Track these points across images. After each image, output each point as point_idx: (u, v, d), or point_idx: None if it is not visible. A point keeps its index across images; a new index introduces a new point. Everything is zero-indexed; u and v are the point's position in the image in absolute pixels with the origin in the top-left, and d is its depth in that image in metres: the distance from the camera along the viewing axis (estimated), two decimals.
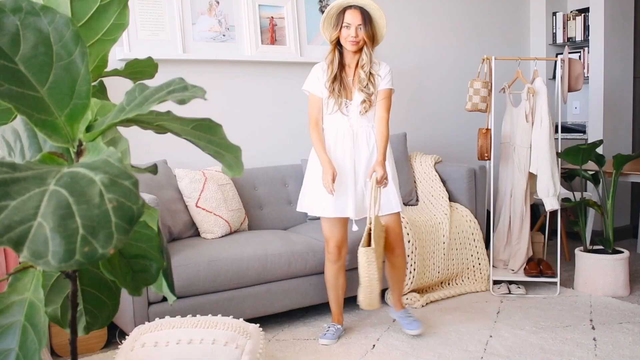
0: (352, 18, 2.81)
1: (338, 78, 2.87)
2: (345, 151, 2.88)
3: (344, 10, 2.84)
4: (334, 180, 2.80)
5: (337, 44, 2.89)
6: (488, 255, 3.84)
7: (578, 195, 3.99)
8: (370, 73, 2.87)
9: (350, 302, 3.51)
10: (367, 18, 2.82)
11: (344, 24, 2.82)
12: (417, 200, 4.01)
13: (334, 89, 2.85)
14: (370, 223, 2.78)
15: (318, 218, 3.14)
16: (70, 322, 0.81)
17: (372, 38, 2.86)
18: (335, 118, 2.88)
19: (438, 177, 3.98)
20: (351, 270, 3.31)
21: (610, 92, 4.88)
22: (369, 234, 2.77)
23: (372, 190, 2.79)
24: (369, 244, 2.77)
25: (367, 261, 2.75)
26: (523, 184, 3.74)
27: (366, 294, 2.81)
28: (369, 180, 2.84)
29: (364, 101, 2.86)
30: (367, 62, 2.86)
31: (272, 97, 4.00)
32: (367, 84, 2.86)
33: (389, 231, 2.94)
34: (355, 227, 2.86)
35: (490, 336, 3.00)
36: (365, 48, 2.86)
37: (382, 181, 2.81)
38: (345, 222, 2.96)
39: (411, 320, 3.01)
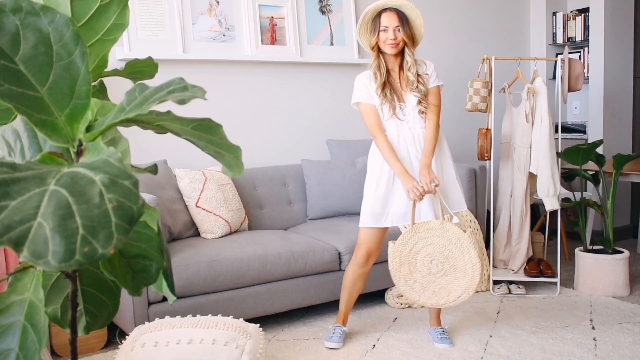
0: (389, 20, 2.75)
1: (387, 83, 2.81)
2: (409, 156, 2.81)
3: (379, 14, 2.78)
4: (417, 188, 2.70)
5: (379, 49, 2.81)
6: (488, 255, 3.84)
7: (578, 195, 4.00)
8: (417, 74, 2.82)
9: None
10: (403, 19, 2.76)
11: (381, 28, 2.76)
12: None
13: (385, 94, 2.78)
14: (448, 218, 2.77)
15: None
16: (70, 322, 0.81)
17: (411, 38, 2.80)
18: (393, 123, 2.81)
19: None
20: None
21: (610, 92, 4.88)
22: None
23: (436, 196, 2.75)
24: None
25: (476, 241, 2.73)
26: (523, 184, 3.74)
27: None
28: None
29: (420, 101, 2.82)
30: (412, 64, 2.81)
31: (272, 97, 4.00)
32: (418, 85, 2.81)
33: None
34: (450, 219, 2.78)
35: (490, 336, 3.00)
36: (406, 49, 2.80)
37: (430, 188, 2.71)
38: (386, 230, 2.89)
39: (444, 337, 2.93)
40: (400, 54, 2.82)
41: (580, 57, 5.07)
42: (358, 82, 2.86)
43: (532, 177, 3.74)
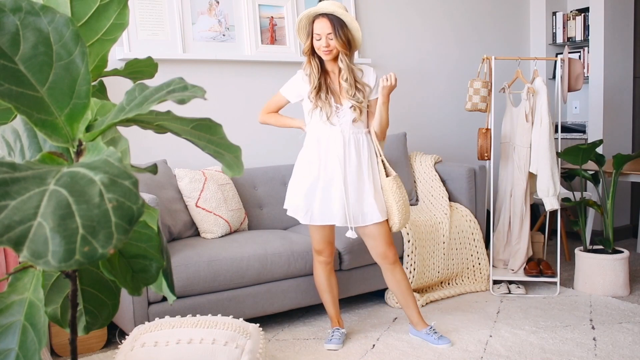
0: (321, 28, 2.71)
1: (323, 86, 2.78)
2: (335, 159, 2.78)
3: (313, 20, 2.75)
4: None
5: (314, 53, 2.80)
6: (488, 255, 3.84)
7: (578, 195, 4.00)
8: (355, 81, 2.77)
9: (349, 302, 3.51)
10: (337, 25, 2.70)
11: (314, 36, 2.73)
12: (417, 200, 4.02)
13: (320, 97, 2.77)
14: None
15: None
16: (70, 322, 0.81)
17: (349, 43, 2.74)
18: (326, 126, 2.79)
19: (438, 177, 3.98)
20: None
21: (610, 92, 4.88)
22: (384, 167, 2.85)
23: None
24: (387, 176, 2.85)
25: (398, 186, 2.81)
26: (523, 183, 3.74)
27: (403, 214, 2.82)
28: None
29: (354, 108, 2.77)
30: (346, 70, 2.75)
31: (272, 97, 3.99)
32: (355, 93, 2.76)
33: (377, 241, 2.85)
34: (352, 235, 2.78)
35: (490, 336, 3.00)
36: (340, 56, 2.75)
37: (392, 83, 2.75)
38: (332, 227, 2.92)
39: (439, 336, 2.90)
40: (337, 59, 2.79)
41: (580, 57, 5.07)
42: (296, 77, 2.90)
43: (532, 177, 3.74)
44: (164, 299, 2.79)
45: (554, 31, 5.21)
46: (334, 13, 2.72)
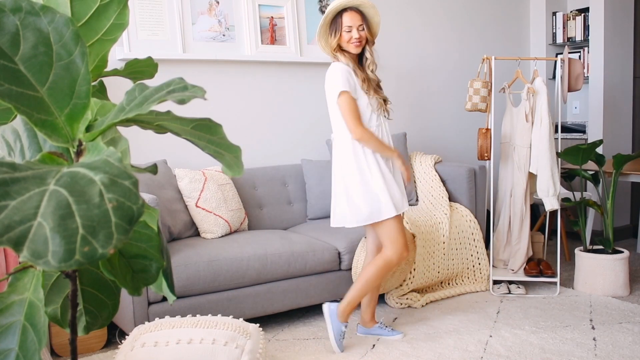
0: (352, 20, 2.75)
1: (365, 79, 2.78)
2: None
3: (339, 15, 2.77)
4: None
5: (340, 50, 2.79)
6: (488, 255, 3.84)
7: (578, 195, 4.00)
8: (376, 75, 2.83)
9: None
10: (364, 17, 2.78)
11: (344, 28, 2.75)
12: (417, 200, 4.02)
13: (370, 91, 2.77)
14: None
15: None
16: (70, 322, 0.81)
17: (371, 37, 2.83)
18: (376, 117, 2.80)
19: (438, 177, 3.98)
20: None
21: (610, 92, 4.88)
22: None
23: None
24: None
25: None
26: (523, 183, 3.74)
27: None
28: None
29: (385, 101, 2.85)
30: (372, 62, 2.82)
31: (272, 97, 4.00)
32: (378, 84, 2.84)
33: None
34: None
35: (490, 336, 3.00)
36: (367, 47, 2.81)
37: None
38: None
39: (391, 328, 3.02)
40: (358, 54, 2.82)
41: (580, 57, 5.07)
42: (340, 71, 2.73)
43: (532, 177, 3.74)
44: (164, 299, 2.79)
45: (554, 31, 5.21)
46: (361, 7, 2.77)
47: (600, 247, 3.77)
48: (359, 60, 2.84)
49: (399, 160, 2.79)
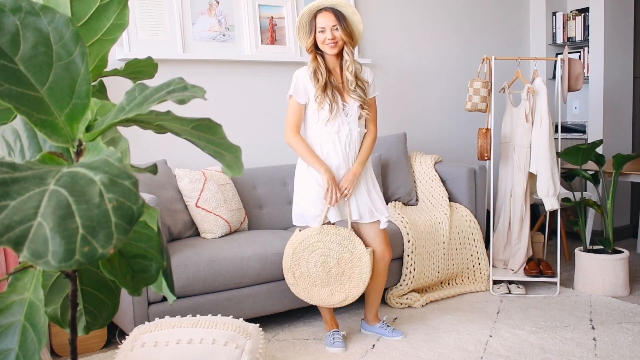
0: (325, 20, 2.73)
1: (328, 84, 2.77)
2: (341, 157, 2.81)
3: (315, 15, 2.76)
4: (333, 186, 2.76)
5: (317, 50, 2.80)
6: (488, 255, 3.84)
7: (578, 195, 4.00)
8: (356, 77, 2.79)
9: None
10: (340, 17, 2.74)
11: (318, 29, 2.74)
12: (417, 200, 4.02)
13: (327, 94, 2.75)
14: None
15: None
16: (70, 322, 0.81)
17: (350, 37, 2.77)
18: (335, 123, 2.78)
19: (438, 177, 3.98)
20: None
21: (610, 92, 4.88)
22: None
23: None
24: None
25: (371, 260, 2.87)
26: (523, 183, 3.74)
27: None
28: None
29: (362, 106, 2.80)
30: (351, 62, 2.78)
31: (272, 97, 4.00)
32: (356, 88, 2.78)
33: (379, 239, 2.93)
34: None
35: (490, 336, 3.00)
36: (345, 48, 2.77)
37: (345, 194, 2.80)
38: None
39: (393, 328, 3.02)
40: (340, 54, 2.80)
41: (580, 57, 5.08)
42: (298, 76, 2.82)
43: (532, 177, 3.74)
44: (164, 299, 2.79)
45: (554, 31, 5.21)
46: (336, 6, 2.74)
47: (600, 247, 3.77)
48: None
49: (324, 176, 2.75)
